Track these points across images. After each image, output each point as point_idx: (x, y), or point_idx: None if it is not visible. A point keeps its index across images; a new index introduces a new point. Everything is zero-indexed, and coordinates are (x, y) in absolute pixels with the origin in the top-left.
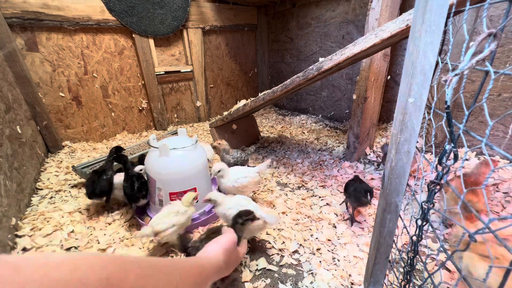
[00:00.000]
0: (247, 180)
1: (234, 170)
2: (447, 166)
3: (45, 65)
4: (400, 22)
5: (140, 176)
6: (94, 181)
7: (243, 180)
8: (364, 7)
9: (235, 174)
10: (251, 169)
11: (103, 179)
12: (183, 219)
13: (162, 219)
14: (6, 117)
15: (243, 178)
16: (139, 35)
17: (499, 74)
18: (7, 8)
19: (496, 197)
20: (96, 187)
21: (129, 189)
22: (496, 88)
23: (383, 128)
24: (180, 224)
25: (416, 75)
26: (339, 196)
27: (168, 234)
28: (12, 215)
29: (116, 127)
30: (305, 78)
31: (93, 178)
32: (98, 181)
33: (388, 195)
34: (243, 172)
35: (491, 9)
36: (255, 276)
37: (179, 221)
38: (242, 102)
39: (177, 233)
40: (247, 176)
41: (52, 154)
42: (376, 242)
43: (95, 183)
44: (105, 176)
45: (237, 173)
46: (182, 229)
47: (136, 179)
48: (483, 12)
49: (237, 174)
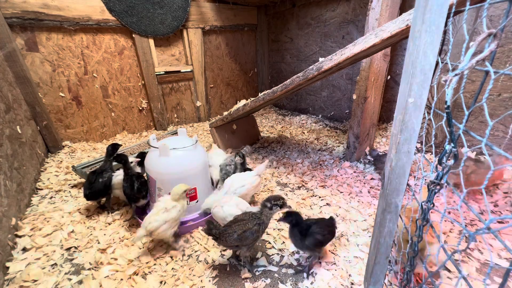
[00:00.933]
0: (246, 188)
1: (231, 179)
2: (447, 166)
3: (45, 65)
4: (400, 22)
5: (140, 176)
6: (91, 183)
7: (241, 189)
8: (364, 7)
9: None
10: (249, 173)
11: (99, 181)
12: (173, 214)
13: (153, 217)
14: (6, 117)
15: (241, 187)
16: (139, 35)
17: (499, 74)
18: (7, 8)
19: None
20: (92, 189)
21: (129, 189)
22: (496, 88)
23: (383, 128)
24: (171, 219)
25: (416, 75)
26: (339, 196)
27: (162, 231)
28: (12, 215)
29: (116, 127)
30: (305, 78)
31: (91, 179)
32: (95, 183)
33: (388, 195)
34: (240, 181)
35: (491, 9)
36: (255, 276)
37: (169, 217)
38: (242, 102)
39: (172, 229)
40: (244, 184)
41: (52, 154)
42: (376, 242)
43: (92, 185)
44: (101, 178)
45: (234, 183)
46: (176, 223)
47: (136, 179)
48: (483, 12)
49: (234, 184)
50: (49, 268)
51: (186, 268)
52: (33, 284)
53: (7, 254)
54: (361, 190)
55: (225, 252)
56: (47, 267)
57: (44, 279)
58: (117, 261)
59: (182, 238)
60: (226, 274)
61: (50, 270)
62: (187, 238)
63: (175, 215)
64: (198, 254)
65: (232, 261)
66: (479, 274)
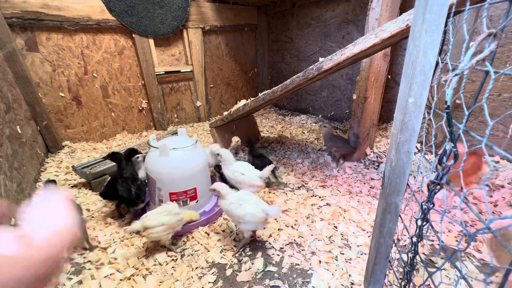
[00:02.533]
0: (243, 178)
1: (239, 163)
2: (447, 166)
3: (45, 65)
4: (400, 22)
5: (135, 178)
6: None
7: (239, 175)
8: (364, 7)
9: (236, 166)
10: (255, 171)
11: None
12: (173, 220)
13: (153, 216)
14: (6, 117)
15: (240, 174)
16: (139, 35)
17: (499, 74)
18: (7, 8)
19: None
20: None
21: (126, 193)
22: (496, 88)
23: (383, 128)
24: (169, 225)
25: (416, 75)
26: (339, 196)
27: (156, 232)
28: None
29: (116, 127)
30: (305, 78)
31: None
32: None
33: (388, 195)
34: (245, 169)
35: (491, 9)
36: (255, 276)
37: (169, 221)
38: (242, 102)
39: (166, 233)
40: (245, 174)
41: (52, 154)
42: (376, 242)
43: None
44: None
45: (238, 167)
46: (170, 231)
47: (131, 183)
48: (483, 12)
49: (237, 168)
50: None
51: (185, 268)
52: None
53: None
54: (361, 190)
55: (225, 252)
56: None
57: None
58: (117, 260)
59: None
60: (226, 274)
61: None
62: (185, 241)
63: (174, 222)
64: (198, 254)
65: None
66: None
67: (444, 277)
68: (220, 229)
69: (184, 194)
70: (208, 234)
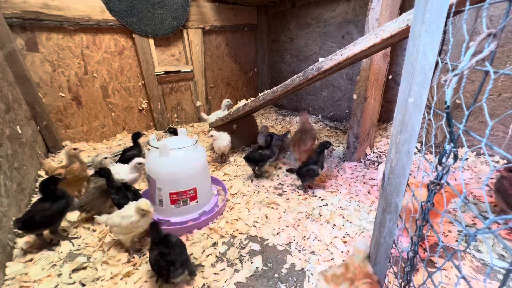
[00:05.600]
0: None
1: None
2: (447, 166)
3: (45, 65)
4: (400, 22)
5: (128, 185)
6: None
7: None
8: (364, 7)
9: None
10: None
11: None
12: (124, 223)
13: (115, 215)
14: (6, 117)
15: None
16: (139, 35)
17: (499, 74)
18: (7, 8)
19: None
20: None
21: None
22: (496, 88)
23: (383, 128)
24: (121, 227)
25: (416, 75)
26: (339, 196)
27: (115, 231)
28: (12, 215)
29: (116, 127)
30: (305, 78)
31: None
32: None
33: (388, 195)
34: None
35: (491, 9)
36: (255, 276)
37: (120, 223)
38: (242, 102)
39: (123, 236)
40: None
41: (52, 154)
42: (376, 242)
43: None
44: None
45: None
46: (127, 233)
47: (125, 189)
48: (483, 12)
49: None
50: (49, 268)
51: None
52: (33, 284)
53: (7, 254)
54: (361, 190)
55: (226, 252)
56: (47, 267)
57: (44, 279)
58: (116, 259)
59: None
60: (225, 273)
61: (50, 270)
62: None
63: (124, 226)
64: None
65: None
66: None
67: (444, 277)
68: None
69: (184, 194)
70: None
